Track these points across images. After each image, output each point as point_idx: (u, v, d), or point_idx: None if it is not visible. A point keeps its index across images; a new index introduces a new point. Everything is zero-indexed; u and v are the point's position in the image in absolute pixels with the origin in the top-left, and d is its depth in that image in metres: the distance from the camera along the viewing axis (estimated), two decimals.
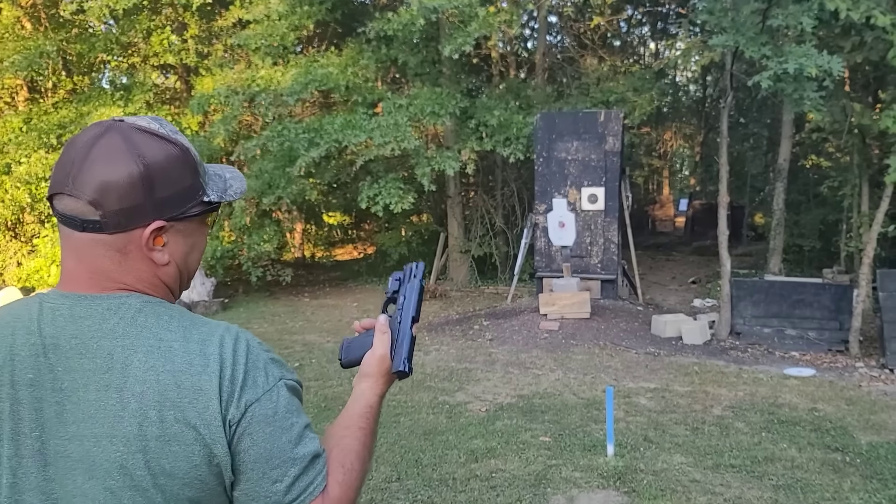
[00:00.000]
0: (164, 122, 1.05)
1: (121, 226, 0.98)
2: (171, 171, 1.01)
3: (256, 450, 0.96)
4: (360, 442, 1.10)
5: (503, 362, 7.60)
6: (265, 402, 0.97)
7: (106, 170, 0.96)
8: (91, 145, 0.98)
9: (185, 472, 0.93)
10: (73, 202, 0.97)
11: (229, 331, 1.01)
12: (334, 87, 10.00)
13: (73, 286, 1.00)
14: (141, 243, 1.00)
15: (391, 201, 9.98)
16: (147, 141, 1.00)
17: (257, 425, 0.96)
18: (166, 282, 1.05)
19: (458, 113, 10.22)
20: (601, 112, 9.67)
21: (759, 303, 8.22)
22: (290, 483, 0.98)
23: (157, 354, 0.95)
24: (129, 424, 0.92)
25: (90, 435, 0.93)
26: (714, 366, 7.30)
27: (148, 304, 1.00)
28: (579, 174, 9.72)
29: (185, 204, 1.04)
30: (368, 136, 9.62)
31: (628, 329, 8.73)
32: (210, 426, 0.94)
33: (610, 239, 9.71)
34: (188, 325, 1.00)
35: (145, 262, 1.02)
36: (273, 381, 0.99)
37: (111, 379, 0.94)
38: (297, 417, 1.00)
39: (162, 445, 0.92)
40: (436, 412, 5.83)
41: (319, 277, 15.92)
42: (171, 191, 1.01)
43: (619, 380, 6.83)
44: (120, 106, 11.73)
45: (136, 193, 0.97)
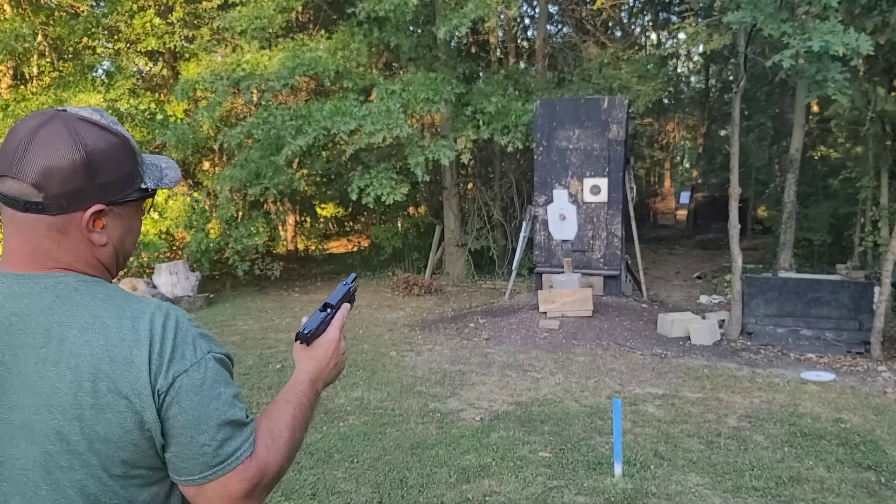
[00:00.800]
0: (104, 114, 1.11)
1: (62, 208, 1.03)
2: (111, 158, 1.07)
3: (185, 416, 1.01)
4: (288, 413, 1.16)
5: (500, 364, 7.11)
6: (193, 374, 1.02)
7: (49, 155, 1.02)
8: (35, 132, 1.03)
9: (118, 437, 0.99)
10: (16, 184, 1.02)
11: (160, 308, 1.06)
12: (323, 71, 9.47)
13: (13, 265, 1.05)
14: (81, 224, 1.05)
15: (383, 192, 9.47)
16: (89, 129, 1.05)
17: (185, 394, 1.01)
18: (103, 261, 1.11)
19: (453, 99, 9.69)
20: (604, 98, 9.15)
21: (772, 301, 7.73)
22: (218, 446, 1.03)
23: (92, 330, 1.00)
24: (64, 395, 0.98)
25: (30, 404, 0.99)
26: (725, 369, 6.82)
27: (84, 283, 1.06)
28: (581, 164, 9.21)
29: (125, 189, 1.10)
30: (359, 124, 9.11)
31: (633, 328, 8.24)
32: (141, 395, 1.00)
33: (613, 233, 9.21)
34: (121, 303, 1.05)
35: (84, 243, 1.07)
36: (201, 354, 1.05)
37: (48, 353, 0.99)
38: (224, 387, 1.06)
39: (96, 413, 0.98)
40: (426, 422, 5.35)
41: (312, 271, 15.44)
42: (111, 177, 1.07)
43: (624, 385, 6.34)
44: (101, 92, 11.21)
45: (78, 178, 1.02)
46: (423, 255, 13.57)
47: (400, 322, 9.36)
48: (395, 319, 9.52)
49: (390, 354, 7.47)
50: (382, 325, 9.16)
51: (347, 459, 4.54)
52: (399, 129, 8.98)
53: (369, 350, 7.57)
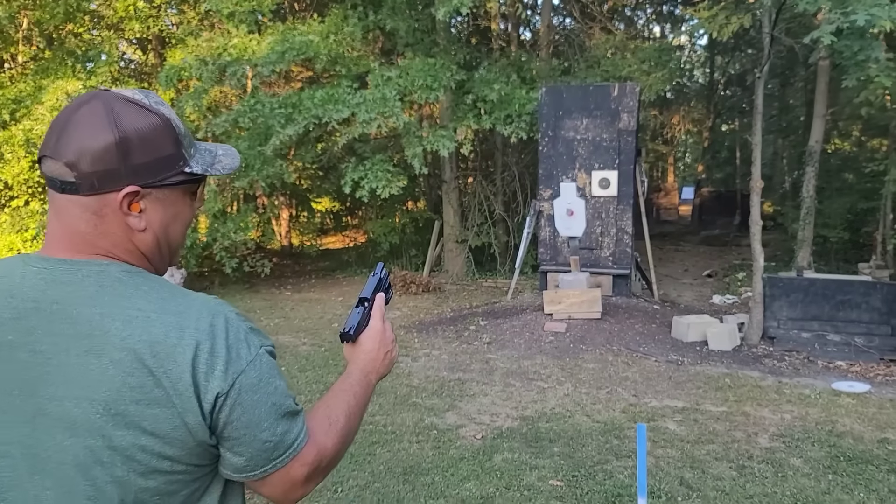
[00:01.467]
0: (150, 94, 1.06)
1: (94, 188, 1.00)
2: (148, 139, 1.02)
3: (247, 416, 0.99)
4: (343, 401, 1.17)
5: (503, 371, 6.56)
6: (250, 372, 1.00)
7: (83, 134, 0.99)
8: (74, 112, 1.01)
9: (164, 433, 0.96)
10: (53, 164, 1.00)
11: (207, 304, 1.02)
12: (315, 56, 8.88)
13: (53, 249, 1.02)
14: (116, 206, 1.01)
15: (378, 185, 8.89)
16: (127, 109, 1.01)
17: (245, 394, 0.99)
18: (143, 250, 1.06)
19: (453, 87, 9.10)
20: (614, 85, 8.57)
21: (795, 303, 7.17)
22: (279, 439, 1.03)
23: (136, 324, 0.96)
24: (107, 389, 0.94)
25: (71, 396, 0.95)
26: (748, 378, 6.26)
27: (127, 274, 1.02)
28: (589, 156, 8.63)
29: (163, 172, 1.04)
30: (352, 112, 8.52)
31: (645, 332, 7.68)
32: (182, 396, 0.96)
33: (623, 229, 8.64)
34: (167, 297, 1.01)
35: (121, 227, 1.03)
36: (255, 350, 1.02)
37: (91, 345, 0.95)
38: (278, 380, 1.05)
39: (141, 409, 0.94)
40: (421, 440, 4.79)
41: (306, 268, 14.88)
42: (147, 158, 1.02)
43: (639, 396, 5.79)
44: (81, 79, 10.62)
45: (111, 158, 0.99)
46: (422, 251, 13.01)
47: (396, 323, 8.80)
48: (390, 321, 8.95)
49: None
50: None
51: (330, 488, 3.98)
52: (395, 117, 8.40)
53: None
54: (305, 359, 7.01)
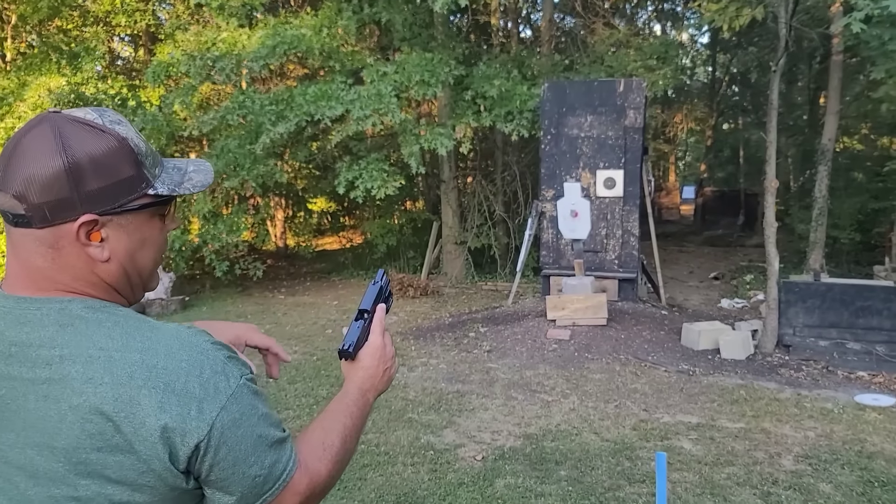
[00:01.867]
0: (106, 112, 0.98)
1: (47, 219, 0.92)
2: (103, 162, 0.93)
3: (233, 454, 0.93)
4: (339, 423, 1.11)
5: (504, 382, 6.19)
6: (231, 407, 0.92)
7: (30, 162, 0.91)
8: (21, 138, 0.93)
9: (132, 480, 0.89)
10: (2, 196, 0.93)
11: (177, 337, 0.93)
12: (307, 51, 8.51)
13: (13, 287, 0.96)
14: (73, 237, 0.93)
15: (373, 185, 8.52)
16: (78, 132, 0.93)
17: (229, 431, 0.92)
18: (109, 281, 0.97)
19: (451, 82, 8.73)
20: (620, 81, 8.20)
21: (812, 309, 6.80)
22: (268, 472, 0.97)
23: (97, 365, 0.89)
24: (66, 437, 0.88)
25: (32, 444, 0.89)
26: (765, 390, 5.89)
27: (90, 310, 0.94)
28: (594, 154, 8.26)
29: (123, 197, 0.96)
30: (346, 109, 8.15)
31: (653, 339, 7.31)
32: (146, 442, 0.88)
33: (630, 231, 8.27)
34: (132, 332, 0.92)
35: (81, 259, 0.95)
36: (235, 382, 0.94)
37: (50, 390, 0.89)
38: (262, 408, 0.97)
39: (104, 457, 0.88)
40: (416, 462, 4.42)
41: (301, 270, 14.51)
42: (103, 183, 0.93)
43: (650, 410, 5.42)
44: (66, 75, 10.25)
45: (61, 186, 0.91)
46: (420, 253, 12.63)
47: (392, 329, 8.44)
48: (386, 326, 8.58)
49: None
50: None
51: None
52: (391, 114, 8.03)
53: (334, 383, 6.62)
54: (295, 369, 6.63)
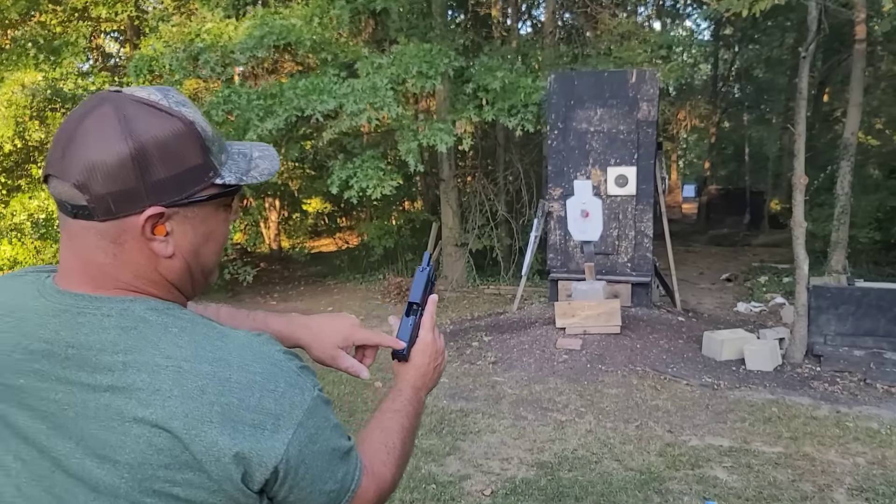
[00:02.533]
0: (170, 93, 0.89)
1: (111, 212, 0.84)
2: (170, 148, 0.85)
3: (312, 472, 0.88)
4: (398, 423, 1.08)
5: (512, 399, 5.66)
6: (308, 423, 0.86)
7: (92, 148, 0.83)
8: (80, 120, 0.84)
9: (201, 500, 0.82)
10: (60, 185, 0.85)
11: (249, 347, 0.86)
12: (297, 41, 7.97)
13: (68, 281, 0.88)
14: (137, 232, 0.86)
15: (368, 185, 7.98)
16: (143, 114, 0.85)
17: (307, 448, 0.86)
18: (171, 279, 0.90)
19: (451, 74, 8.18)
20: (632, 71, 7.66)
21: (845, 316, 6.28)
22: (340, 486, 0.92)
23: (164, 376, 0.81)
24: (132, 451, 0.80)
25: (91, 454, 0.82)
26: (799, 407, 5.36)
27: (154, 313, 0.86)
28: (604, 150, 7.72)
29: (191, 187, 0.87)
30: (339, 103, 7.61)
31: (672, 349, 6.78)
32: (219, 463, 0.81)
33: (643, 232, 7.74)
34: (200, 341, 0.85)
35: (144, 255, 0.87)
36: (309, 395, 0.88)
37: (112, 399, 0.81)
38: (332, 419, 0.92)
39: (172, 474, 0.81)
40: (416, 499, 3.88)
41: (295, 273, 13.98)
42: (170, 172, 0.85)
43: (675, 432, 4.89)
44: (44, 70, 9.71)
45: (127, 175, 0.83)
46: (418, 255, 12.08)
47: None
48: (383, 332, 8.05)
49: (375, 385, 5.99)
50: None
51: None
52: (387, 108, 7.49)
53: (348, 380, 6.06)
54: None
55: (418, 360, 1.17)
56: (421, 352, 1.17)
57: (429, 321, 1.19)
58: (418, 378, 1.16)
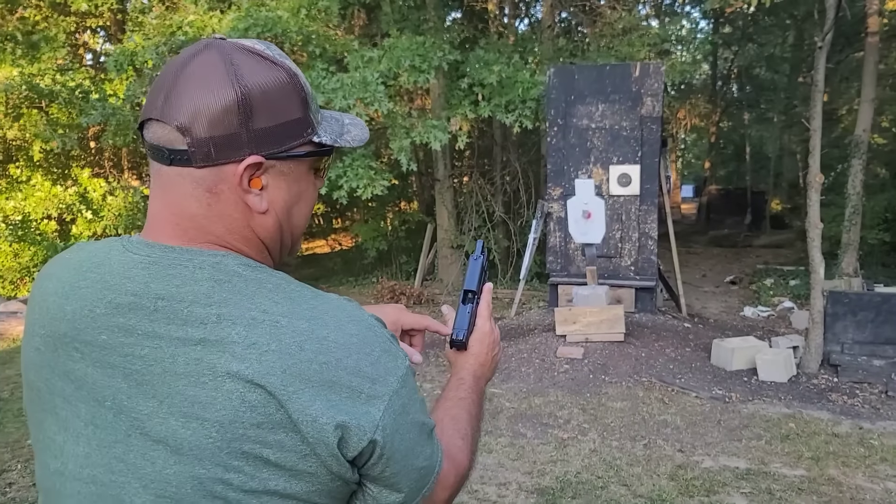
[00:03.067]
0: (271, 46, 0.87)
1: (210, 157, 0.80)
2: (274, 98, 0.81)
3: (405, 445, 0.82)
4: (465, 411, 1.04)
5: (510, 413, 5.29)
6: (402, 392, 0.81)
7: (198, 91, 0.79)
8: (185, 65, 0.80)
9: (292, 465, 0.76)
10: (161, 129, 0.80)
11: (344, 309, 0.81)
12: (283, 34, 7.58)
13: (158, 234, 0.83)
14: (234, 182, 0.81)
15: (358, 185, 7.60)
16: (249, 61, 0.81)
17: (400, 419, 0.80)
18: (262, 236, 0.85)
19: (445, 68, 7.81)
20: (636, 65, 7.29)
21: (864, 323, 5.91)
22: (428, 463, 0.87)
23: (261, 330, 0.75)
24: (223, 407, 0.74)
25: (178, 413, 0.76)
26: (818, 422, 4.99)
27: (247, 268, 0.81)
28: (606, 147, 7.35)
29: (290, 140, 0.84)
30: (327, 99, 7.23)
31: (679, 358, 6.41)
32: (314, 424, 0.74)
33: (647, 233, 7.37)
34: (295, 298, 0.79)
35: (238, 209, 0.82)
36: (402, 363, 0.83)
37: (203, 353, 0.75)
38: (417, 394, 0.86)
39: (264, 434, 0.74)
40: None
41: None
42: (272, 122, 0.81)
43: (686, 451, 4.51)
44: (22, 66, 9.33)
45: (231, 120, 0.79)
46: (413, 257, 11.71)
47: None
48: None
49: None
50: None
51: None
52: (378, 104, 7.11)
53: None
54: None
55: (477, 348, 1.13)
56: (479, 340, 1.13)
57: (486, 310, 1.16)
58: (478, 367, 1.13)
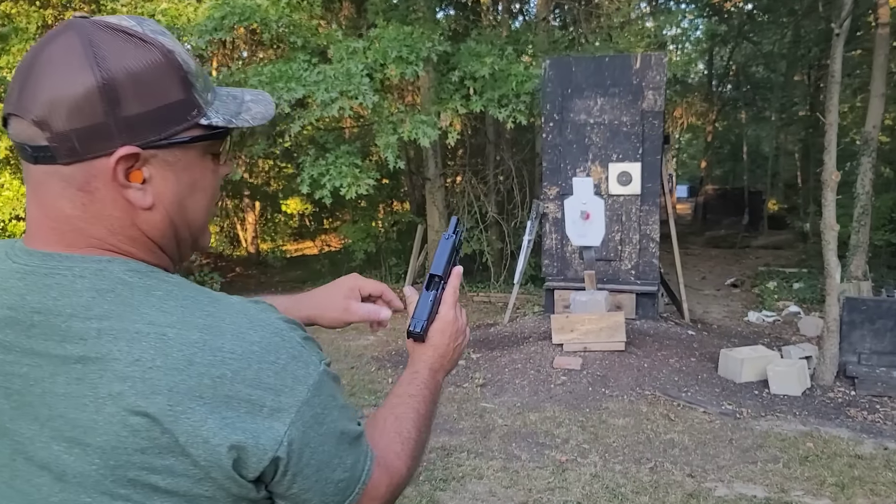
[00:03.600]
0: (144, 21, 0.76)
1: (76, 152, 0.70)
2: (146, 80, 0.71)
3: (318, 457, 0.74)
4: (413, 409, 0.93)
5: (502, 431, 4.86)
6: (313, 401, 0.72)
7: (53, 79, 0.69)
8: (40, 51, 0.71)
9: (185, 490, 0.69)
10: (19, 124, 0.72)
11: (244, 312, 0.72)
12: (262, 23, 7.14)
13: (36, 240, 0.75)
14: (109, 177, 0.71)
15: (342, 183, 7.15)
16: (113, 41, 0.71)
17: (312, 430, 0.72)
18: (152, 235, 0.76)
19: (435, 59, 7.37)
20: (636, 56, 6.88)
21: (883, 332, 5.51)
22: (350, 475, 0.78)
23: (146, 344, 0.68)
24: (105, 432, 0.67)
25: (60, 437, 0.69)
26: (838, 441, 4.58)
27: (135, 274, 0.72)
28: (605, 144, 6.93)
29: (171, 125, 0.73)
30: (309, 92, 6.79)
31: (684, 368, 5.99)
32: (205, 445, 0.67)
33: (649, 235, 6.95)
34: (188, 305, 0.71)
35: (119, 206, 0.73)
36: (315, 369, 0.73)
37: (84, 372, 0.68)
38: (340, 398, 0.77)
39: (151, 459, 0.68)
40: None
41: (273, 279, 13.16)
42: (146, 107, 0.71)
43: (697, 476, 4.09)
44: None
45: (94, 109, 0.69)
46: (403, 259, 11.27)
47: (367, 354, 7.10)
48: (361, 349, 7.25)
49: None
50: (343, 359, 6.89)
51: None
52: (362, 97, 6.67)
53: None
54: None
55: (437, 339, 1.01)
56: (440, 331, 1.01)
57: (451, 296, 1.02)
58: (436, 359, 1.00)
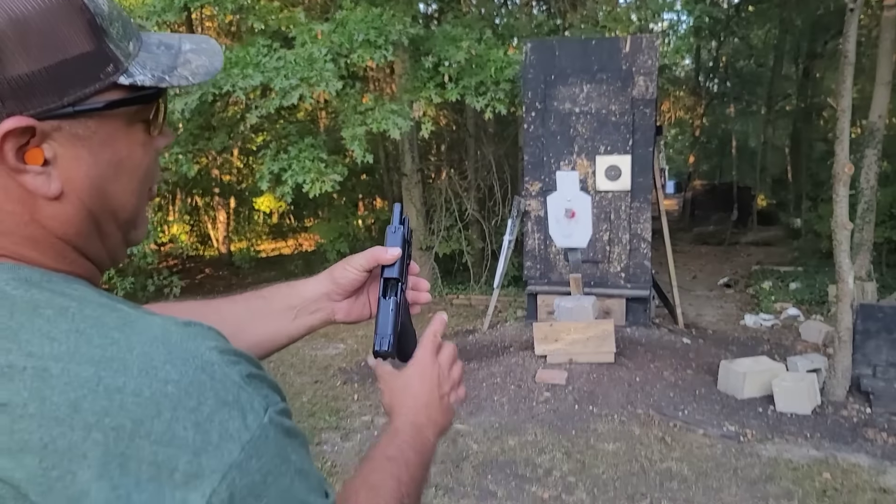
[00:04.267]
0: None
1: None
2: (37, 28, 0.53)
3: None
4: (391, 477, 0.74)
5: (477, 460, 4.27)
6: (249, 465, 0.51)
7: None
8: None
9: None
10: None
11: (164, 339, 0.53)
12: (216, 3, 6.49)
13: None
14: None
15: (305, 179, 6.52)
16: None
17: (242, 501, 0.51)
18: (62, 233, 0.57)
19: (406, 43, 6.75)
20: (626, 38, 6.29)
21: None
22: None
23: (20, 383, 0.49)
24: None
25: None
26: (858, 470, 4.03)
27: (20, 286, 0.54)
28: (592, 135, 6.34)
29: (76, 87, 0.55)
30: (267, 79, 6.15)
31: (679, 382, 5.42)
32: None
33: (640, 235, 6.37)
34: (87, 330, 0.52)
35: (13, 197, 0.55)
36: (254, 420, 0.53)
37: None
38: (296, 460, 0.56)
39: None
40: None
41: (244, 281, 12.50)
42: (38, 63, 0.53)
43: None
44: None
45: None
46: None
47: (335, 364, 6.49)
48: (328, 359, 6.64)
49: None
50: (308, 371, 6.29)
51: None
52: (325, 83, 6.04)
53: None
54: None
55: (415, 386, 0.83)
56: (418, 375, 0.83)
57: (429, 341, 0.85)
58: (418, 411, 0.81)
